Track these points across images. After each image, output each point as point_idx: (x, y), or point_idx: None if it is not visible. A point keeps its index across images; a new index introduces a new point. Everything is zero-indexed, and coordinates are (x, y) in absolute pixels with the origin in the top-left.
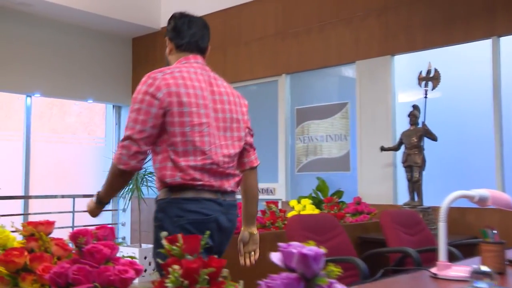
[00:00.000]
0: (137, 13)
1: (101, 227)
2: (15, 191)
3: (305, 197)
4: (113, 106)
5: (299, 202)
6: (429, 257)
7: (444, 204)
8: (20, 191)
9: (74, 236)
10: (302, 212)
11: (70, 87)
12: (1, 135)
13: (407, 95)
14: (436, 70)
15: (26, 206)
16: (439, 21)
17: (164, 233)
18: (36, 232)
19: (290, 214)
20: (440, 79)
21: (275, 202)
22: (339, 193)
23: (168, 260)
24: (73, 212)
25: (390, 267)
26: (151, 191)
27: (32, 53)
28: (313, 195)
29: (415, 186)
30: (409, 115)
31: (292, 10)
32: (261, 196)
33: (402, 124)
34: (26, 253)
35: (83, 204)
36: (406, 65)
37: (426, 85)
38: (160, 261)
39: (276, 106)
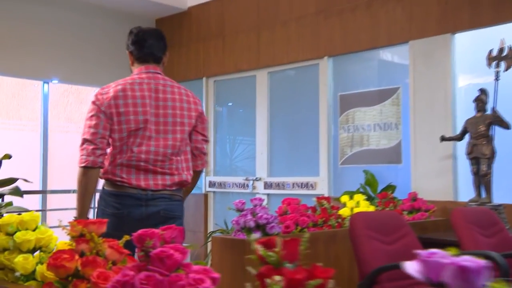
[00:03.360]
0: None
1: (168, 227)
2: (32, 185)
3: (353, 192)
4: None
5: (351, 198)
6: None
7: None
8: (37, 185)
9: (140, 239)
10: (355, 209)
11: (90, 73)
12: (14, 125)
13: (468, 78)
14: (510, 48)
15: (44, 201)
16: None
17: (254, 236)
18: (87, 232)
19: (342, 212)
20: None
21: (327, 198)
22: (391, 188)
23: (263, 269)
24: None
25: None
26: None
27: (49, 36)
28: (361, 190)
29: (482, 180)
30: (475, 100)
31: None
32: (300, 191)
33: (463, 111)
34: (77, 257)
35: None
36: (469, 44)
37: (497, 66)
38: None
39: (317, 92)
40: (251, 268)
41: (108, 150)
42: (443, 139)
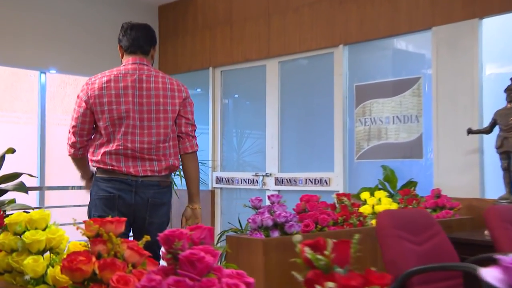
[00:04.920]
0: None
1: (197, 226)
2: (29, 181)
3: (371, 189)
4: None
5: (371, 194)
6: None
7: None
8: (34, 181)
9: (167, 240)
10: (376, 207)
11: (89, 63)
12: (8, 117)
13: (495, 66)
14: None
15: (42, 198)
16: None
17: (298, 237)
18: (104, 232)
19: (363, 209)
20: None
21: (347, 195)
22: (412, 184)
23: (311, 274)
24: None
25: None
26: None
27: (46, 24)
28: (380, 186)
29: None
30: (506, 90)
31: None
32: (314, 188)
33: (492, 102)
34: (93, 259)
35: None
36: (497, 29)
37: None
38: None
39: (332, 83)
40: (296, 273)
41: (93, 137)
42: (470, 131)
